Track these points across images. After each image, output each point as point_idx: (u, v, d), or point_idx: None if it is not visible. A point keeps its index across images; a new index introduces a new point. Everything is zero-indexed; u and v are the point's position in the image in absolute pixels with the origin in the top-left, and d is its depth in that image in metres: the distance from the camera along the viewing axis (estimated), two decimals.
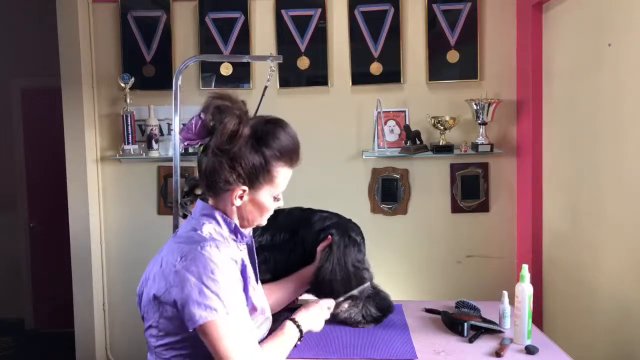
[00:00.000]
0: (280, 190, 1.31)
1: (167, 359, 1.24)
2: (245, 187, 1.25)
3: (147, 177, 3.02)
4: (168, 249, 1.24)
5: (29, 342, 4.13)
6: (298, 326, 1.41)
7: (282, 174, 1.28)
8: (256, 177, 1.24)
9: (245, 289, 1.28)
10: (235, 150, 1.21)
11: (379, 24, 2.86)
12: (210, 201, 1.31)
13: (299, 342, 1.42)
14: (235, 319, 1.17)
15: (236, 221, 1.31)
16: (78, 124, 2.91)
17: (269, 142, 1.23)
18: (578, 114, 2.28)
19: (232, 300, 1.17)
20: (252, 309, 1.32)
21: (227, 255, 1.21)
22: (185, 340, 1.22)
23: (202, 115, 1.23)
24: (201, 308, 1.14)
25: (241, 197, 1.27)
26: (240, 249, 1.32)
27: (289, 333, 1.39)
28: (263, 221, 1.35)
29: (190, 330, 1.16)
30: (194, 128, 1.24)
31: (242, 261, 1.28)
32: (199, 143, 1.26)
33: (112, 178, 3.04)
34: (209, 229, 1.26)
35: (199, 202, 1.33)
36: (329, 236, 1.66)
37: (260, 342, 1.32)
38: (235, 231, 1.30)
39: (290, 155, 1.27)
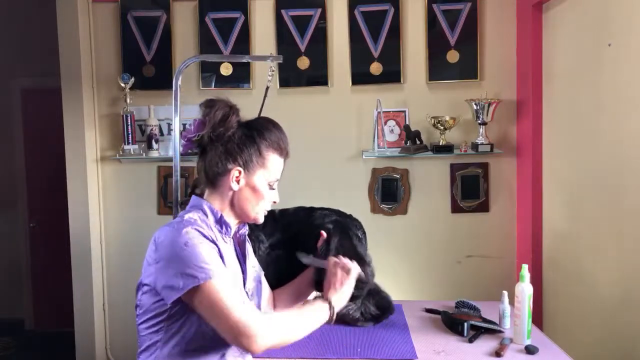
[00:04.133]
0: (273, 177, 1.35)
1: (144, 336, 1.28)
2: (240, 168, 1.31)
3: (147, 177, 3.02)
4: (154, 235, 1.31)
5: (29, 342, 4.13)
6: (331, 307, 1.35)
7: (274, 160, 1.35)
8: (250, 158, 1.32)
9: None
10: (229, 134, 1.30)
11: (379, 24, 2.86)
12: (207, 194, 1.35)
13: (331, 321, 1.36)
14: (218, 283, 1.19)
15: (232, 213, 1.34)
16: (78, 124, 2.92)
17: (258, 128, 1.34)
18: (578, 114, 2.28)
19: (211, 267, 1.20)
20: None
21: (204, 234, 1.25)
22: (162, 315, 1.25)
23: (198, 114, 1.34)
24: (183, 277, 1.17)
25: (237, 180, 1.32)
26: (226, 241, 1.34)
27: (314, 308, 1.33)
28: (259, 214, 1.37)
29: (170, 303, 1.20)
30: (192, 127, 1.33)
31: (219, 249, 1.27)
32: (196, 137, 1.32)
33: (112, 178, 3.04)
34: (193, 215, 1.30)
35: (192, 197, 1.38)
36: (326, 232, 1.64)
37: None
38: (220, 222, 1.33)
39: (279, 144, 1.35)
